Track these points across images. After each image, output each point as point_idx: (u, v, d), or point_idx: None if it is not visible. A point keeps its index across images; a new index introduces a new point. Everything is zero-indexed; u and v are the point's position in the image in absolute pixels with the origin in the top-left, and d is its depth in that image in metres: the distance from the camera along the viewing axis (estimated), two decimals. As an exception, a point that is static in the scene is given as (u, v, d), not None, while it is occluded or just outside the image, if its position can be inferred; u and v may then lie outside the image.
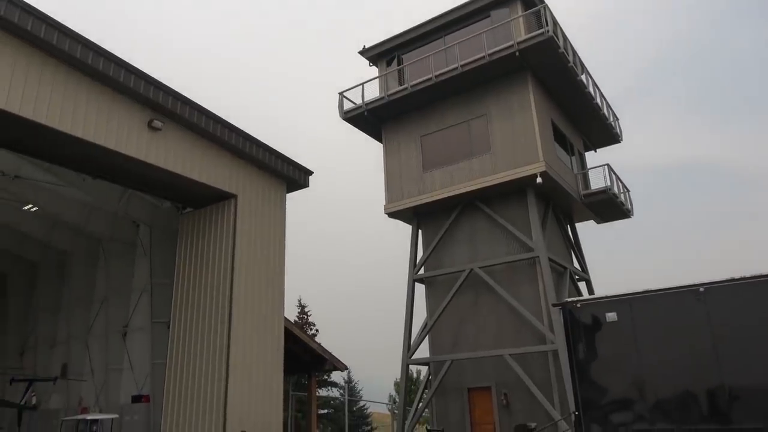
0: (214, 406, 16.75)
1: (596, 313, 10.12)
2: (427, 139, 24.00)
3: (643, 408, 9.32)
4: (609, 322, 9.92)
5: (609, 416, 9.63)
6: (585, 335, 10.12)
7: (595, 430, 9.61)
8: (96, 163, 16.48)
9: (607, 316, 9.95)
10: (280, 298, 19.48)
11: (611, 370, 9.85)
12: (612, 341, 9.91)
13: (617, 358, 9.79)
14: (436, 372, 21.90)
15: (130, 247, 23.52)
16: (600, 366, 10.00)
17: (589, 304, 10.44)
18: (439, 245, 23.17)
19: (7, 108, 13.06)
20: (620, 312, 9.84)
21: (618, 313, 9.85)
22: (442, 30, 24.37)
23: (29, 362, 25.95)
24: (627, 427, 9.37)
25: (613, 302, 9.99)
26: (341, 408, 35.06)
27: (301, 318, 39.30)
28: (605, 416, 9.65)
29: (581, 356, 10.05)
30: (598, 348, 10.08)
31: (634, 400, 9.44)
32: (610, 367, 9.88)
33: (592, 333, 10.14)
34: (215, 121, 18.06)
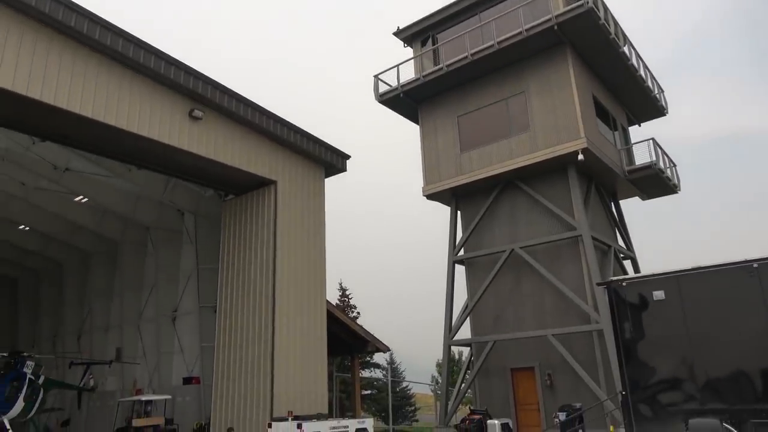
0: (262, 387, 17.21)
1: (643, 291, 9.89)
2: (464, 119, 23.72)
3: (693, 388, 9.10)
4: (656, 300, 9.68)
5: (657, 396, 9.45)
6: (631, 314, 9.92)
7: (643, 411, 9.46)
8: (140, 154, 16.95)
9: (654, 294, 9.71)
10: (321, 281, 19.75)
11: (659, 350, 9.64)
12: (660, 320, 9.67)
13: (665, 337, 9.56)
14: (479, 353, 21.89)
15: (176, 234, 24.23)
16: (647, 345, 9.79)
17: (635, 282, 10.21)
18: (478, 226, 23.00)
19: (56, 103, 13.54)
20: (668, 290, 9.59)
21: (666, 291, 9.60)
22: (477, 7, 23.90)
23: (86, 346, 27.18)
24: (676, 407, 9.18)
25: (660, 280, 9.74)
26: (384, 389, 35.49)
27: (343, 301, 39.78)
28: (653, 396, 9.47)
29: (628, 336, 9.87)
30: (645, 327, 9.86)
31: (684, 380, 9.23)
32: (658, 346, 9.66)
33: (638, 312, 9.92)
34: (253, 109, 18.28)
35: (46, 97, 13.39)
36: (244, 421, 17.26)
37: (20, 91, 12.94)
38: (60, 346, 28.58)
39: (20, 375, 18.21)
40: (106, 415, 23.44)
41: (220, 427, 17.80)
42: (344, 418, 17.28)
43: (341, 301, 39.39)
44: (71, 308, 28.83)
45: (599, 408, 17.12)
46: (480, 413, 17.46)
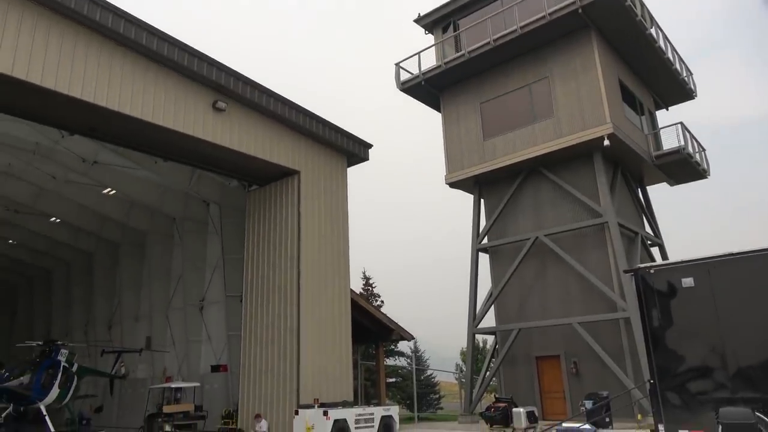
0: (288, 374, 17.44)
1: (671, 278, 9.70)
2: (487, 106, 23.48)
3: (724, 376, 8.92)
4: (685, 287, 9.48)
5: (686, 385, 9.29)
6: (659, 302, 9.74)
7: (672, 399, 9.32)
8: (165, 146, 17.19)
9: (683, 281, 9.51)
10: (345, 269, 19.86)
11: (688, 337, 9.46)
12: (689, 307, 9.48)
13: (695, 325, 9.38)
14: (503, 341, 21.82)
15: (202, 225, 24.57)
16: (676, 333, 9.62)
17: (663, 269, 10.01)
18: (502, 214, 22.82)
19: (82, 97, 13.80)
20: (698, 277, 9.38)
21: (695, 278, 9.39)
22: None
23: (117, 335, 27.83)
24: (707, 395, 9.03)
25: (689, 267, 9.53)
26: (409, 377, 35.64)
27: (366, 290, 39.92)
28: (682, 385, 9.31)
29: (656, 323, 9.70)
30: (673, 315, 9.68)
31: (714, 368, 9.05)
32: (687, 334, 9.48)
33: (667, 299, 9.74)
34: (275, 99, 18.36)
35: (74, 90, 13.65)
36: (271, 408, 17.53)
37: (48, 85, 13.22)
38: (92, 334, 29.30)
39: (55, 363, 18.76)
40: (137, 401, 24.03)
41: (247, 413, 18.11)
42: (369, 405, 17.42)
43: (365, 290, 39.54)
44: (102, 298, 29.52)
45: (626, 396, 16.94)
46: (505, 401, 17.44)
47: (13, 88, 13.30)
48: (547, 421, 18.50)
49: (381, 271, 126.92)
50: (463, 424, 21.09)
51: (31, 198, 24.96)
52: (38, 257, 33.19)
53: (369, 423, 16.13)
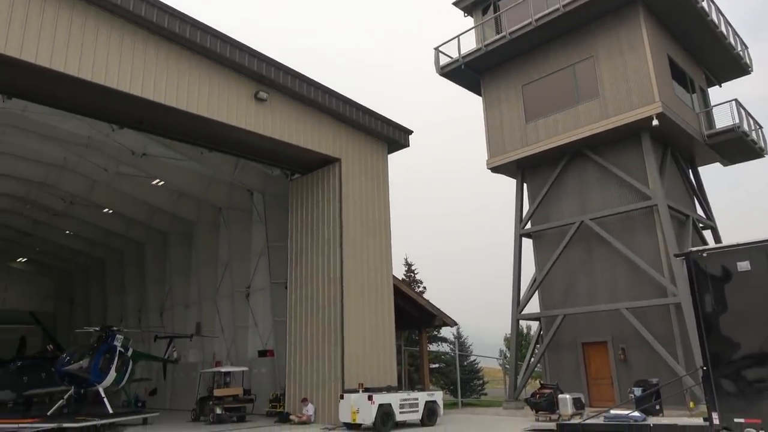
0: (332, 360, 17.73)
1: (726, 262, 9.35)
2: (529, 88, 23.00)
3: (783, 363, 8.58)
4: (741, 271, 9.13)
5: (742, 372, 8.97)
6: (713, 286, 9.41)
7: (727, 387, 9.02)
8: (210, 137, 17.58)
9: (738, 265, 9.15)
10: (387, 255, 19.96)
11: (744, 323, 9.11)
12: (744, 292, 9.13)
13: (751, 310, 9.02)
14: (548, 327, 21.55)
15: (246, 214, 25.10)
16: (731, 319, 9.29)
17: (717, 252, 9.65)
18: (546, 198, 22.42)
19: (131, 91, 14.25)
20: (754, 260, 9.01)
21: (751, 262, 9.03)
22: (540, -31, 22.90)
23: (168, 321, 28.84)
24: (764, 383, 8.71)
25: (745, 250, 9.16)
26: (452, 362, 35.68)
27: (408, 276, 40.03)
28: (738, 372, 9.00)
29: (709, 309, 9.39)
30: (728, 300, 9.34)
31: (772, 354, 8.71)
32: (743, 319, 9.14)
33: (721, 284, 9.40)
34: (316, 88, 18.49)
35: (122, 85, 14.10)
36: (317, 392, 17.88)
37: (98, 80, 13.70)
38: (145, 321, 30.46)
39: (111, 348, 19.64)
40: (189, 385, 24.92)
41: (294, 397, 18.53)
42: (414, 390, 17.52)
43: (407, 276, 39.65)
44: (154, 285, 30.61)
45: (678, 384, 16.50)
46: (551, 387, 17.24)
47: (66, 84, 13.84)
48: (594, 408, 18.22)
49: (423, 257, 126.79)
50: (507, 410, 21.00)
51: (86, 190, 26.02)
52: (93, 247, 34.63)
53: (413, 408, 16.25)
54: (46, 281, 41.97)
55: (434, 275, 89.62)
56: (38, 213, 29.28)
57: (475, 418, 19.50)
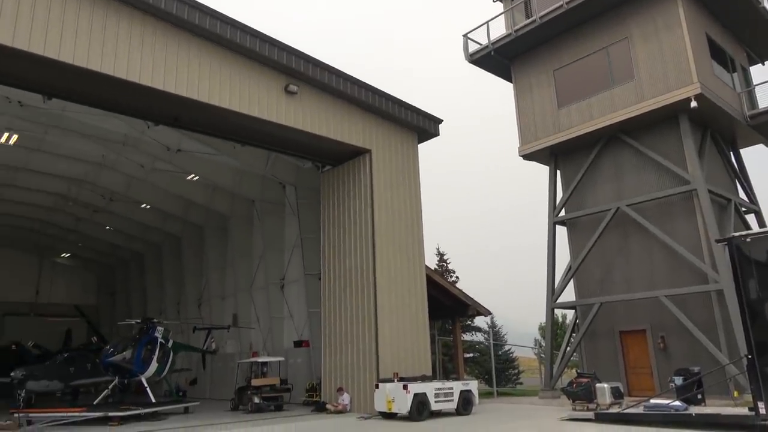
0: (367, 349, 17.86)
1: (771, 247, 9.05)
2: (561, 73, 22.55)
3: (834, 351, 8.27)
4: (787, 256, 8.83)
5: (789, 360, 8.70)
6: (757, 272, 9.13)
7: (773, 375, 8.77)
8: (242, 131, 17.81)
9: (784, 250, 8.86)
10: (419, 245, 19.95)
11: (791, 310, 8.82)
12: (792, 278, 8.83)
13: (799, 297, 8.72)
14: (584, 315, 21.24)
15: (279, 206, 25.40)
16: (777, 305, 8.99)
17: (761, 237, 9.35)
18: (580, 184, 22.02)
19: (165, 88, 14.53)
20: (802, 245, 8.70)
21: (799, 247, 8.72)
22: (571, -50, 22.35)
23: (206, 313, 29.49)
24: (813, 371, 8.42)
25: (792, 234, 8.85)
26: (486, 352, 35.54)
27: (441, 266, 39.93)
28: (785, 360, 8.73)
29: (753, 295, 9.11)
30: (774, 286, 9.05)
31: (822, 342, 8.41)
32: (790, 306, 8.84)
33: (766, 269, 9.11)
34: (345, 79, 18.52)
35: (156, 83, 14.38)
36: (353, 382, 18.05)
37: (134, 79, 14.00)
38: (183, 312, 31.21)
39: (152, 339, 20.21)
40: (227, 375, 25.47)
41: (330, 386, 18.76)
42: (448, 380, 17.53)
43: (439, 266, 39.57)
44: (191, 278, 31.31)
45: (720, 372, 16.10)
46: (587, 376, 16.99)
47: (102, 84, 14.19)
48: (633, 397, 17.93)
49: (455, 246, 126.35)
50: (543, 399, 20.83)
51: (124, 186, 26.72)
52: (132, 241, 35.60)
53: (448, 397, 16.26)
54: (89, 275, 43.39)
55: (467, 264, 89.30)
56: (80, 210, 30.23)
57: (511, 407, 19.41)
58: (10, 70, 13.64)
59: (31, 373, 19.10)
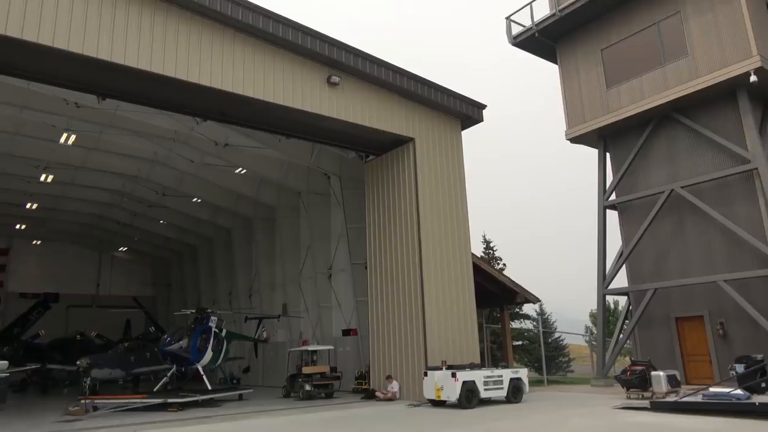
0: (415, 338, 17.93)
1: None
2: (609, 52, 21.81)
3: None
4: None
5: None
6: (826, 254, 8.64)
7: None
8: (287, 124, 18.06)
9: None
10: (465, 233, 19.81)
11: None
12: None
13: None
14: (637, 302, 20.64)
15: (324, 197, 25.69)
16: None
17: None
18: (631, 167, 21.32)
19: (212, 84, 14.87)
20: None
21: None
22: (618, -77, 21.50)
23: (256, 303, 30.20)
24: None
25: None
26: (535, 339, 35.11)
27: (487, 253, 39.59)
28: None
29: (822, 279, 8.63)
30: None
31: None
32: None
33: (835, 251, 8.61)
34: (387, 69, 18.48)
35: (203, 79, 14.74)
36: (401, 370, 18.18)
37: (181, 76, 14.39)
38: (235, 303, 32.07)
39: (207, 329, 20.88)
40: (279, 363, 26.08)
41: (379, 374, 18.94)
42: (497, 368, 17.42)
43: (486, 254, 39.24)
44: (242, 269, 32.11)
45: (786, 359, 15.36)
46: (642, 364, 16.54)
47: (152, 82, 14.66)
48: (691, 386, 17.36)
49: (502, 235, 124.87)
50: (596, 388, 20.42)
51: (175, 181, 27.60)
52: (185, 234, 36.78)
53: (498, 385, 16.15)
54: (146, 268, 45.15)
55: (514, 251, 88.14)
56: (135, 205, 31.43)
57: (562, 395, 19.12)
58: (66, 73, 14.28)
59: (95, 361, 20.07)
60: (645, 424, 11.71)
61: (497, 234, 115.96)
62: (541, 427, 11.98)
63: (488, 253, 39.61)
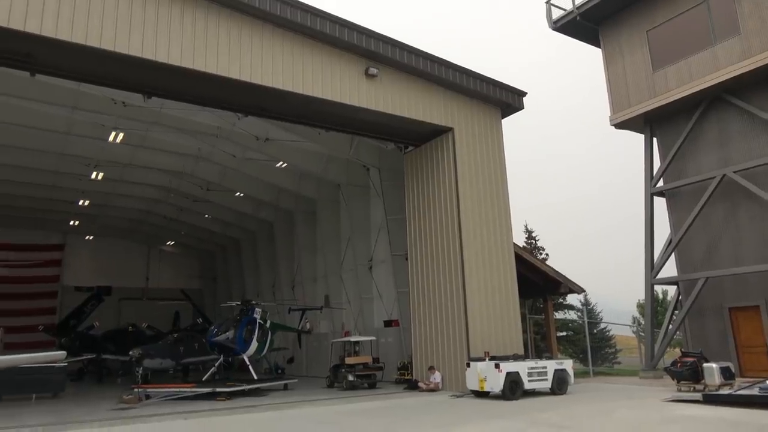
0: (457, 328, 17.86)
1: None
2: (655, 33, 21.04)
3: None
4: None
5: None
6: None
7: None
8: (326, 117, 18.18)
9: None
10: (506, 222, 19.57)
11: None
12: None
13: None
14: (687, 291, 19.97)
15: (364, 189, 25.79)
16: None
17: None
18: (680, 152, 20.57)
19: (252, 80, 15.10)
20: None
21: None
22: None
23: (299, 294, 30.65)
24: None
25: None
26: (580, 330, 34.42)
27: (530, 243, 38.98)
28: None
29: None
30: None
31: None
32: None
33: None
34: (424, 58, 18.36)
35: (244, 75, 14.98)
36: (443, 361, 18.15)
37: (222, 73, 14.66)
38: (278, 294, 32.63)
39: (252, 320, 21.33)
40: (322, 353, 26.44)
41: (421, 365, 18.97)
42: (542, 359, 17.18)
43: (528, 244, 38.65)
44: (284, 261, 32.63)
45: None
46: (694, 356, 16.01)
47: (195, 80, 14.99)
48: (746, 378, 16.71)
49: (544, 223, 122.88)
50: (645, 380, 19.90)
51: (218, 176, 28.20)
52: (228, 228, 37.58)
53: (542, 376, 15.95)
54: (193, 261, 46.39)
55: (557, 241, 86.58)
56: (181, 200, 32.29)
57: (609, 387, 18.73)
58: (113, 73, 14.74)
59: (146, 352, 20.81)
60: (697, 418, 11.36)
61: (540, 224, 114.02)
62: (587, 418, 11.77)
63: (530, 243, 39.00)
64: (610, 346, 39.57)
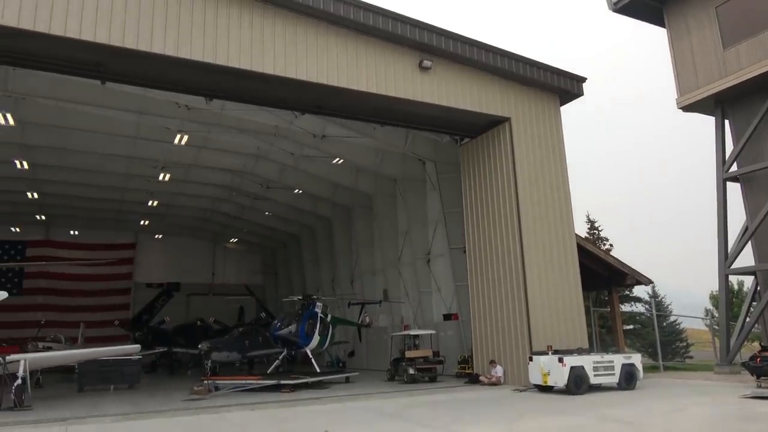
0: (518, 322, 17.55)
1: None
2: (725, 8, 19.84)
3: None
4: None
5: None
6: None
7: None
8: (380, 112, 18.24)
9: None
10: (567, 212, 19.04)
11: None
12: None
13: None
14: (766, 282, 18.81)
15: (420, 183, 25.74)
16: None
17: None
18: (755, 133, 19.35)
19: (308, 78, 15.35)
20: None
21: None
22: None
23: (358, 289, 30.98)
24: None
25: None
26: (648, 323, 33.08)
27: (592, 234, 37.83)
28: None
29: None
30: None
31: None
32: None
33: None
34: (479, 48, 18.08)
35: (300, 74, 15.26)
36: (505, 355, 17.90)
37: (280, 73, 14.99)
38: (338, 289, 33.11)
39: (313, 314, 21.75)
40: (382, 347, 26.63)
41: (482, 359, 18.79)
42: (608, 353, 16.65)
43: (590, 234, 37.53)
44: (343, 256, 33.06)
45: None
46: (775, 350, 15.09)
47: (254, 80, 15.40)
48: (835, 373, 15.56)
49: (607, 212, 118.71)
50: (720, 375, 18.92)
51: (277, 174, 28.85)
52: (287, 224, 38.41)
53: (609, 371, 15.46)
54: (255, 257, 47.73)
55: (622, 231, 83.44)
56: (242, 198, 33.28)
57: (681, 382, 17.93)
58: (177, 78, 15.35)
59: (214, 345, 21.63)
60: (780, 415, 10.70)
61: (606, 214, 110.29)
62: (658, 415, 11.32)
63: (593, 233, 37.85)
64: (681, 339, 37.87)
